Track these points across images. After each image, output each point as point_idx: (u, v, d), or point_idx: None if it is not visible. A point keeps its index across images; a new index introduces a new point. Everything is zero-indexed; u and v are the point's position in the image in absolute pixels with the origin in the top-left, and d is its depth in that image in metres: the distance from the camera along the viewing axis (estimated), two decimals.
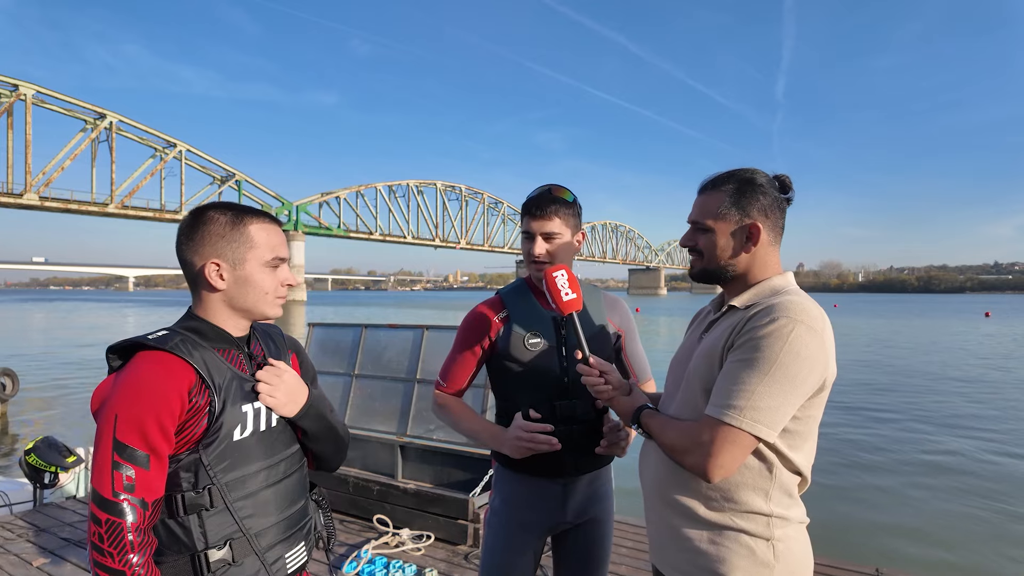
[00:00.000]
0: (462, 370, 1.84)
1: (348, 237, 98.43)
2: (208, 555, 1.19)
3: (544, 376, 1.74)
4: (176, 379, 1.16)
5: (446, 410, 1.86)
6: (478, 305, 1.86)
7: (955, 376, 16.42)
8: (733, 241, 1.35)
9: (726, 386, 1.23)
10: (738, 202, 1.34)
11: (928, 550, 5.55)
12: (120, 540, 1.09)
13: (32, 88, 65.27)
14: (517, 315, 1.79)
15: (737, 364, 1.23)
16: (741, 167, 1.39)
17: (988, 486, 7.28)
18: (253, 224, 1.27)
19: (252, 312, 1.30)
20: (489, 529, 1.84)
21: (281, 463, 1.32)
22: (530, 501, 1.78)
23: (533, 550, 1.80)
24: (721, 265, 1.38)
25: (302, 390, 1.36)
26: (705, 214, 1.37)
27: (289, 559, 1.31)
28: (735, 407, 1.20)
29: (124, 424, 1.11)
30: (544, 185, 1.79)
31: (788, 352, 1.19)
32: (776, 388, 1.19)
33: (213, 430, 1.20)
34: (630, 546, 3.76)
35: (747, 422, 1.19)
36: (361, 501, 4.16)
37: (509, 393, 1.80)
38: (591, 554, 1.84)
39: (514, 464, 1.78)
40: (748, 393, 1.20)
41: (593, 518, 1.84)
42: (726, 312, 1.39)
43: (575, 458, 1.75)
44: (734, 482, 1.28)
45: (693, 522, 1.33)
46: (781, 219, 1.38)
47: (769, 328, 1.21)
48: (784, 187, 1.40)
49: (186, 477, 1.19)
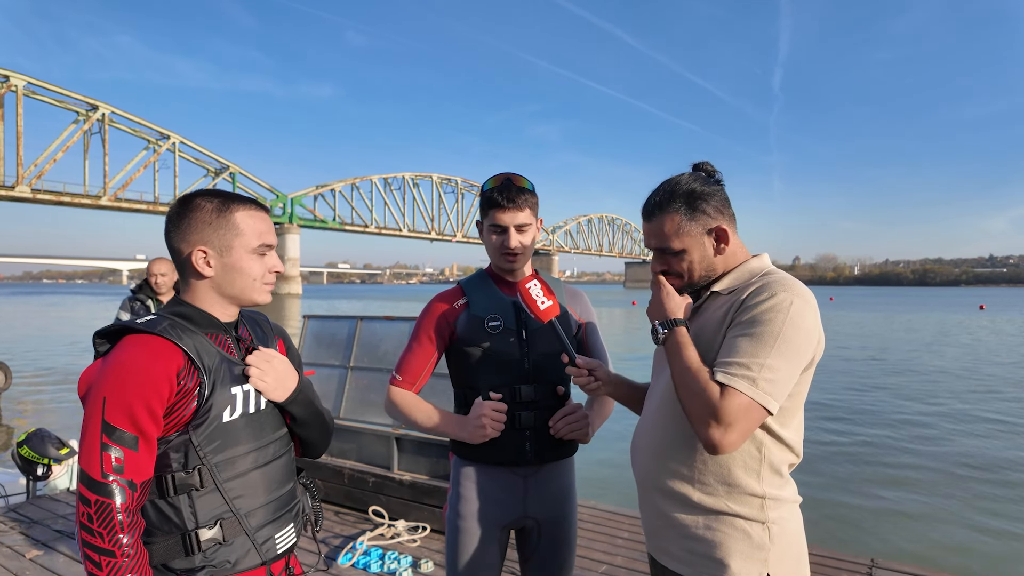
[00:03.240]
0: (419, 362, 1.79)
1: (343, 230, 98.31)
2: (199, 534, 1.20)
3: (505, 360, 1.72)
4: (165, 361, 1.17)
5: (400, 407, 1.78)
6: (437, 295, 1.83)
7: (949, 368, 16.52)
8: (707, 249, 1.37)
9: (735, 358, 1.22)
10: (693, 216, 1.35)
11: (924, 541, 5.59)
12: (110, 521, 1.09)
13: (23, 79, 64.73)
14: (476, 301, 1.77)
15: (743, 338, 1.23)
16: (667, 181, 1.40)
17: (985, 477, 7.32)
18: (240, 211, 1.28)
19: (240, 299, 1.31)
20: (449, 525, 1.79)
21: (270, 445, 1.33)
22: (490, 494, 1.75)
23: (497, 542, 1.77)
24: (703, 275, 1.40)
25: (292, 375, 1.37)
26: (668, 238, 1.38)
27: (279, 540, 1.32)
28: (748, 378, 1.19)
29: (112, 406, 1.12)
30: (501, 175, 1.74)
31: (791, 324, 1.21)
32: (781, 361, 1.20)
33: (202, 411, 1.21)
34: (626, 537, 3.76)
35: (760, 393, 1.19)
36: (356, 493, 4.16)
37: (469, 380, 1.77)
38: (556, 557, 1.81)
39: (473, 455, 1.74)
40: (758, 365, 1.20)
41: (556, 516, 1.80)
42: (708, 298, 1.40)
43: (536, 445, 1.73)
44: (725, 464, 1.29)
45: (687, 508, 1.33)
46: (729, 206, 1.40)
47: (770, 303, 1.23)
48: (710, 173, 1.41)
49: (176, 457, 1.20)
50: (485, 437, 1.67)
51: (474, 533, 1.75)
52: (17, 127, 64.68)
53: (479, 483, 1.76)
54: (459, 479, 1.79)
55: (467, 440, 1.70)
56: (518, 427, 1.72)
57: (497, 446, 1.71)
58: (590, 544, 3.65)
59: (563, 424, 1.72)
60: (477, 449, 1.73)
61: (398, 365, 1.82)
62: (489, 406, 1.67)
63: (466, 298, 1.79)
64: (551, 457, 1.77)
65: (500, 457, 1.73)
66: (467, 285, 1.83)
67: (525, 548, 1.84)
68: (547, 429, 1.73)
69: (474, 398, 1.73)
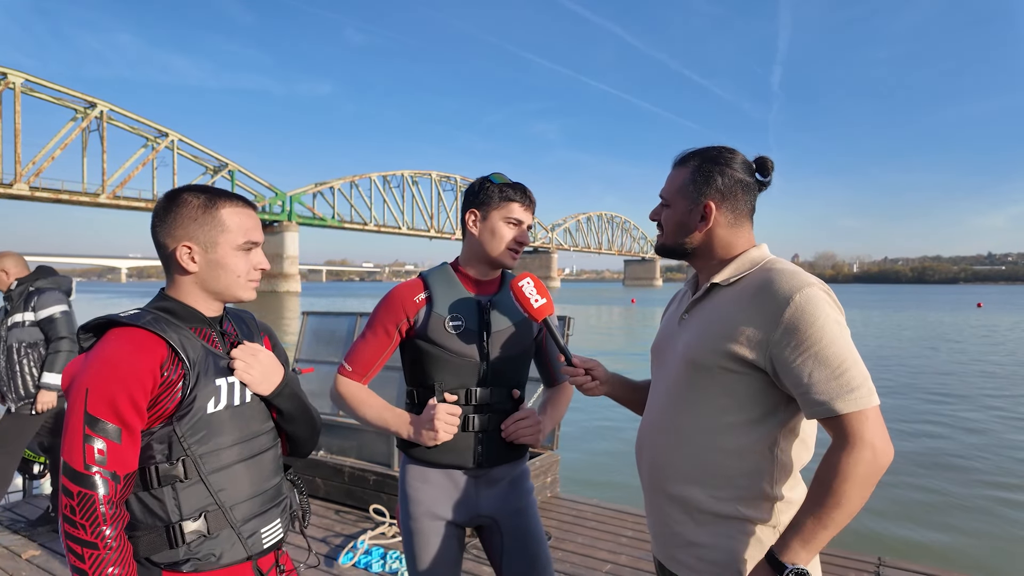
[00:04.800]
0: (372, 353, 1.71)
1: (342, 228, 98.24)
2: (183, 527, 1.20)
3: (463, 362, 1.67)
4: (148, 354, 1.17)
5: (347, 399, 1.71)
6: (397, 285, 1.76)
7: (958, 364, 16.50)
8: (688, 217, 1.35)
9: (820, 383, 1.13)
10: (695, 179, 1.34)
11: (931, 540, 5.55)
12: (92, 512, 1.09)
13: (21, 76, 64.53)
14: (439, 297, 1.70)
15: (803, 357, 1.15)
16: (717, 144, 1.37)
17: (992, 475, 7.30)
18: (226, 208, 1.28)
19: (224, 295, 1.31)
20: (403, 527, 1.74)
21: (255, 439, 1.33)
22: (440, 495, 1.70)
23: (455, 538, 1.73)
24: (677, 241, 1.38)
25: (277, 369, 1.37)
26: (667, 189, 1.39)
27: (265, 534, 1.31)
28: (849, 391, 1.12)
29: (95, 397, 1.11)
30: (496, 173, 1.74)
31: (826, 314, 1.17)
32: (846, 350, 1.15)
33: (186, 403, 1.20)
34: (631, 535, 3.72)
35: (864, 397, 1.13)
36: (357, 491, 4.12)
37: (423, 378, 1.70)
38: (526, 552, 1.75)
39: (423, 456, 1.69)
40: (842, 372, 1.13)
41: (512, 510, 1.75)
42: (710, 290, 1.34)
43: (487, 448, 1.69)
44: (735, 466, 1.24)
45: (695, 513, 1.28)
46: (746, 199, 1.35)
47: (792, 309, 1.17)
48: (763, 170, 1.37)
49: (159, 449, 1.19)
50: (437, 441, 1.63)
51: (428, 532, 1.70)
52: (15, 124, 64.48)
53: (428, 483, 1.71)
54: (407, 479, 1.74)
55: (417, 441, 1.66)
56: (471, 429, 1.68)
57: (447, 448, 1.67)
58: (594, 543, 3.62)
59: (515, 428, 1.69)
60: (426, 450, 1.68)
61: (348, 354, 1.74)
62: (444, 408, 1.62)
63: (428, 292, 1.71)
64: (501, 460, 1.73)
65: (449, 459, 1.68)
66: (430, 279, 1.74)
67: (492, 549, 1.79)
68: (499, 432, 1.69)
69: (427, 398, 1.68)
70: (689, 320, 1.36)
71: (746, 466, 1.24)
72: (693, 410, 1.29)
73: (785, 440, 1.25)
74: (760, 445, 1.23)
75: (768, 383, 1.22)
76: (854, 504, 1.11)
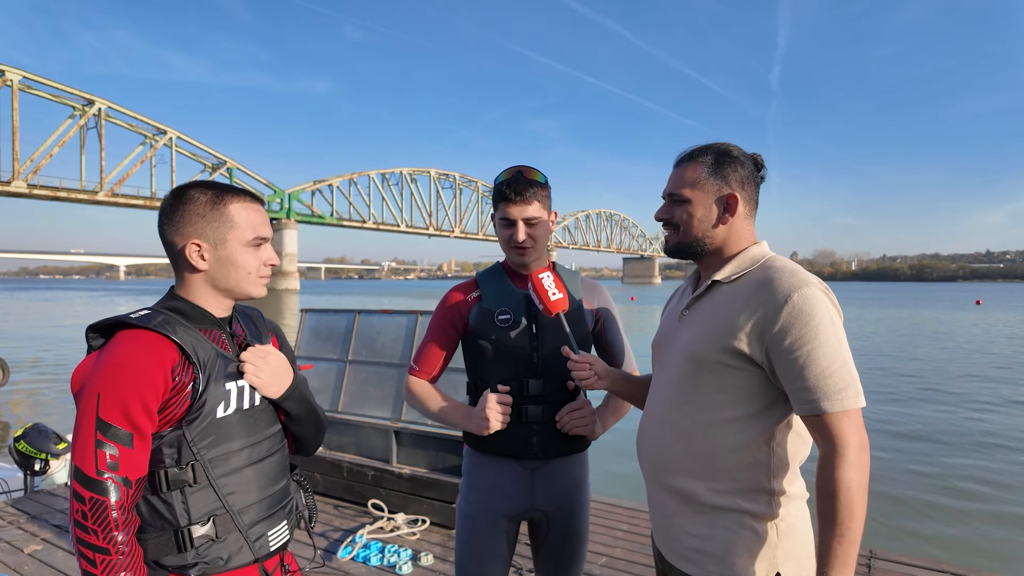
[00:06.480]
0: (435, 353, 1.82)
1: (341, 225, 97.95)
2: (191, 531, 1.19)
3: (514, 353, 1.73)
4: (159, 357, 1.16)
5: (416, 396, 1.83)
6: (454, 287, 1.86)
7: (950, 358, 16.56)
8: (711, 212, 1.35)
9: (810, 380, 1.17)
10: (716, 172, 1.34)
11: (922, 532, 5.60)
12: (104, 518, 1.08)
13: (19, 73, 64.28)
14: (488, 293, 1.79)
15: (797, 354, 1.18)
16: (716, 141, 1.39)
17: (983, 466, 7.34)
18: (234, 204, 1.26)
19: (235, 292, 1.30)
20: (459, 513, 1.82)
21: (263, 442, 1.32)
22: (497, 485, 1.76)
23: (505, 533, 1.78)
24: (697, 237, 1.36)
25: (287, 372, 1.36)
26: (682, 184, 1.36)
27: (272, 537, 1.31)
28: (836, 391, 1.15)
29: (107, 403, 1.11)
30: (513, 167, 1.74)
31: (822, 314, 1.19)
32: (838, 350, 1.18)
33: (196, 407, 1.19)
34: (626, 529, 3.77)
35: (850, 398, 1.16)
36: (356, 486, 4.16)
37: (480, 372, 1.79)
38: (565, 550, 1.82)
39: (482, 447, 1.76)
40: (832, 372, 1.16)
41: (564, 510, 1.80)
42: (711, 287, 1.36)
43: (543, 439, 1.73)
44: (735, 460, 1.26)
45: (695, 506, 1.31)
46: (756, 193, 1.39)
47: (790, 307, 1.20)
48: (757, 165, 1.40)
49: (169, 453, 1.18)
50: (490, 429, 1.67)
51: (482, 522, 1.77)
52: (13, 122, 64.21)
53: (488, 474, 1.78)
54: (470, 469, 1.82)
55: (473, 431, 1.71)
56: (525, 420, 1.72)
57: (504, 438, 1.72)
58: (590, 536, 3.64)
59: (569, 419, 1.71)
60: (485, 440, 1.74)
61: (415, 355, 1.86)
62: (495, 399, 1.67)
63: (479, 290, 1.81)
64: (559, 451, 1.76)
65: (507, 449, 1.74)
66: (482, 278, 1.85)
67: (536, 538, 1.86)
68: (554, 423, 1.73)
69: (484, 390, 1.74)
70: (690, 316, 1.38)
71: (745, 460, 1.26)
72: (693, 405, 1.31)
73: (782, 435, 1.27)
74: (758, 440, 1.26)
75: (766, 379, 1.25)
76: (863, 509, 1.14)
